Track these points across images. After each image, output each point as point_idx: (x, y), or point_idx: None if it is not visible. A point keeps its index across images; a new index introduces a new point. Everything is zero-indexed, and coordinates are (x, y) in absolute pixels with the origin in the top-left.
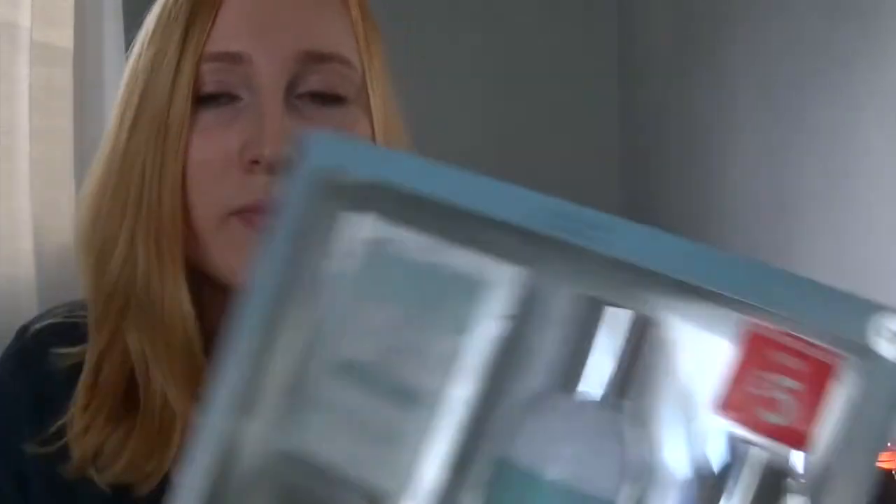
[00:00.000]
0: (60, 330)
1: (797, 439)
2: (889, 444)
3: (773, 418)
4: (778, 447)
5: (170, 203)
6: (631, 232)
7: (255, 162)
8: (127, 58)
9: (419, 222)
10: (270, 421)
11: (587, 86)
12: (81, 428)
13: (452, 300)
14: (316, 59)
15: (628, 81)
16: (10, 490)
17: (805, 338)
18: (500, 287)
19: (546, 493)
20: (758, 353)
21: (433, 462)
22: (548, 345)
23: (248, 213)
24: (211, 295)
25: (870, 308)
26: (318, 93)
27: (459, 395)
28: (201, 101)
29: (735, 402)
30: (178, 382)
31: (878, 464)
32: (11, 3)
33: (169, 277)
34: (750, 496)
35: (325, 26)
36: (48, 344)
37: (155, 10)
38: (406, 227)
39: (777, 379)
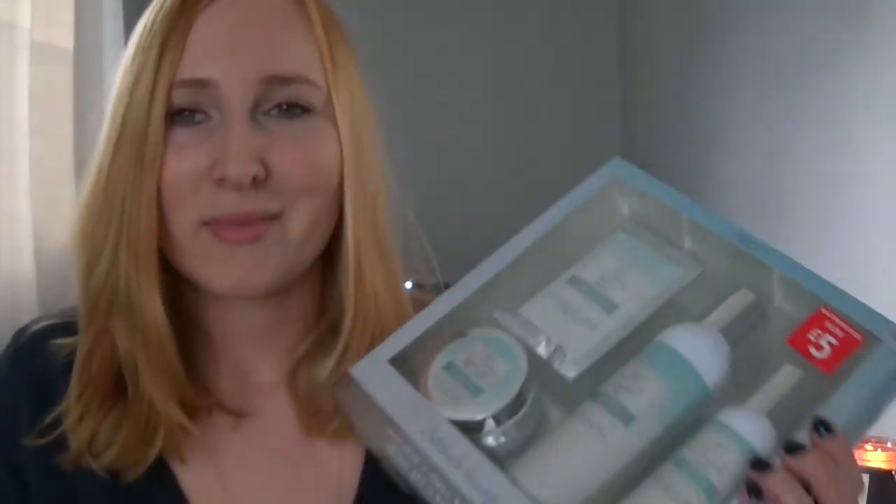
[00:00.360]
0: (57, 328)
1: (828, 368)
2: (889, 444)
3: (816, 354)
4: (814, 370)
5: (146, 219)
6: (778, 254)
7: (223, 179)
8: None
9: (653, 225)
10: (517, 291)
11: (587, 86)
12: (76, 417)
13: (658, 269)
14: (279, 81)
15: (628, 82)
16: (9, 489)
17: (847, 322)
18: (686, 270)
19: (677, 361)
20: (821, 320)
21: (606, 342)
22: (701, 302)
23: (217, 227)
24: (191, 297)
25: (886, 321)
26: (283, 107)
27: (639, 313)
28: (176, 119)
29: (800, 340)
30: (158, 380)
31: (880, 463)
32: (11, 3)
33: (145, 287)
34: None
35: (287, 49)
36: (45, 341)
37: (133, 38)
38: (644, 224)
39: (825, 336)
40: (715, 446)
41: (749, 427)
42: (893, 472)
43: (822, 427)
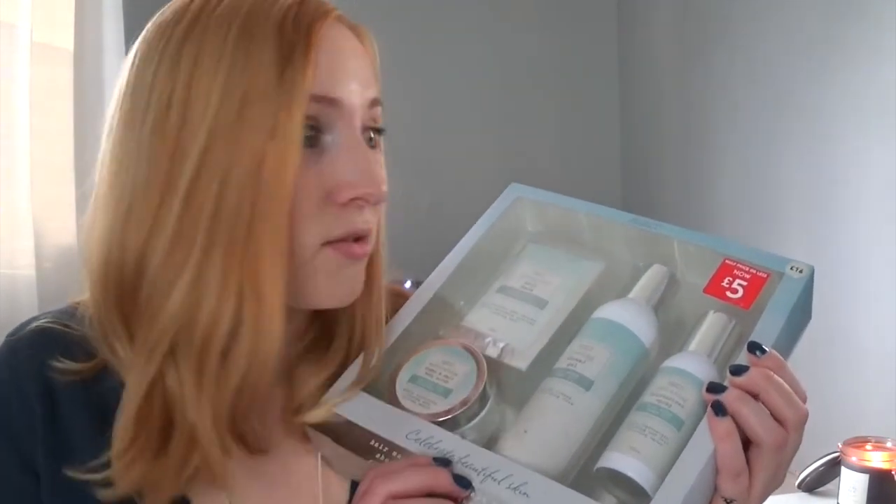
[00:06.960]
0: (55, 342)
1: (745, 304)
2: (889, 444)
3: (732, 296)
4: (735, 310)
5: (273, 242)
6: (671, 227)
7: (357, 199)
8: (136, 60)
9: (557, 232)
10: (453, 310)
11: (587, 88)
12: (128, 461)
13: (571, 266)
14: (374, 104)
15: (628, 84)
16: (27, 483)
17: (751, 265)
18: (594, 262)
19: (616, 329)
20: (728, 270)
21: (547, 332)
22: (618, 284)
23: (341, 243)
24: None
25: (781, 258)
26: (373, 130)
27: (567, 303)
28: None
29: (715, 288)
30: (210, 412)
31: (879, 464)
32: (11, 4)
33: (266, 316)
34: (714, 340)
35: (375, 74)
36: (44, 349)
37: (213, 39)
38: (549, 232)
39: (736, 280)
40: (670, 386)
41: (695, 365)
42: (893, 472)
43: (756, 349)
